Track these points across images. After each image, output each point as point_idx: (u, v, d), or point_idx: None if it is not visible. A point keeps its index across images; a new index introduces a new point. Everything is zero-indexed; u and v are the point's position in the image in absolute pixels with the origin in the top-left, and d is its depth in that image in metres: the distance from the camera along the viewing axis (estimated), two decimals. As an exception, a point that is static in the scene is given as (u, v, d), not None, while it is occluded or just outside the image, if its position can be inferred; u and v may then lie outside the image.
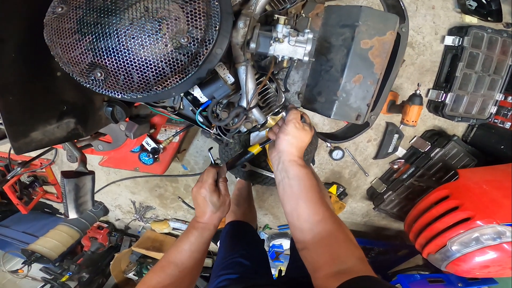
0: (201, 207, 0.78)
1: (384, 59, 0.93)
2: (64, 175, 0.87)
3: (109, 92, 0.56)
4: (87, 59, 0.53)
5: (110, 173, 2.23)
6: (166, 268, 0.71)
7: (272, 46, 0.66)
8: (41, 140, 0.74)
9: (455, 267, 1.47)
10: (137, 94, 0.56)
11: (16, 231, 2.31)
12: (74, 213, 0.93)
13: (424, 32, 1.63)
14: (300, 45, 0.66)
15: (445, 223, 1.47)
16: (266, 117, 0.75)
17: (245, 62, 0.66)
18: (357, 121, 1.01)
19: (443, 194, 1.57)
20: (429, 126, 1.91)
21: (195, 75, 0.56)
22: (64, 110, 0.79)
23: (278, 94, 0.78)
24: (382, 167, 2.08)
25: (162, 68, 0.52)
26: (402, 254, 2.25)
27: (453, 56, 1.65)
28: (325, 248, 0.61)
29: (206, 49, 0.53)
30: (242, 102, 0.71)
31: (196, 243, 0.75)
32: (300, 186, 0.67)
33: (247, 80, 0.67)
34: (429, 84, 1.78)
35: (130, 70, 0.52)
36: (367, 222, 2.37)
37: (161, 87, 0.55)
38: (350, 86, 0.95)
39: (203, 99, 0.73)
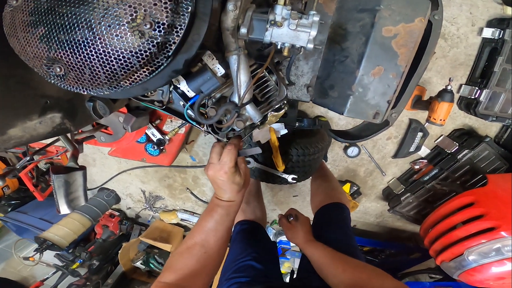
0: (223, 188, 0.71)
1: (411, 50, 0.80)
2: (54, 170, 0.83)
3: (74, 88, 0.49)
4: (43, 53, 0.46)
5: (121, 162, 2.23)
6: (192, 249, 0.69)
7: (268, 32, 0.55)
8: (21, 137, 0.69)
9: (469, 277, 1.40)
10: (104, 90, 0.48)
11: (33, 218, 2.36)
12: (66, 209, 0.90)
13: (459, 23, 1.46)
14: (303, 30, 0.55)
15: (466, 231, 1.37)
16: (262, 115, 0.65)
17: (237, 51, 0.56)
18: (374, 120, 0.89)
19: (467, 200, 1.45)
20: (458, 125, 1.72)
21: (168, 67, 0.47)
22: (47, 105, 0.73)
23: (279, 88, 0.67)
24: (401, 167, 1.92)
25: (127, 59, 0.43)
26: (415, 257, 2.13)
27: (491, 49, 1.48)
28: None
29: (177, 36, 0.43)
30: (234, 97, 0.61)
31: (221, 221, 0.72)
32: (318, 259, 0.91)
33: (239, 72, 0.58)
34: (462, 79, 1.59)
35: (90, 63, 0.44)
36: (380, 223, 2.24)
37: (130, 81, 0.47)
38: (368, 80, 0.83)
39: (190, 93, 0.64)
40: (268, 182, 1.28)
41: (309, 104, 1.71)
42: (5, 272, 2.55)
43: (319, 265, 0.89)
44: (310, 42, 0.56)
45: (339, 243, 0.98)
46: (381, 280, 0.73)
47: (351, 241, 1.14)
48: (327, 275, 0.86)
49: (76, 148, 0.91)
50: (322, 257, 0.89)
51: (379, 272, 0.77)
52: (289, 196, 2.14)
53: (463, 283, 1.55)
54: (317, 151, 1.25)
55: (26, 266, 2.45)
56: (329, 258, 0.87)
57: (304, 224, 1.09)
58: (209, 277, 0.70)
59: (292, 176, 1.18)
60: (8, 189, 2.42)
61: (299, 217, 1.12)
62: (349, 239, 1.14)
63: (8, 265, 2.61)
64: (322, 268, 0.87)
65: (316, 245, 0.96)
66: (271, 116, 0.74)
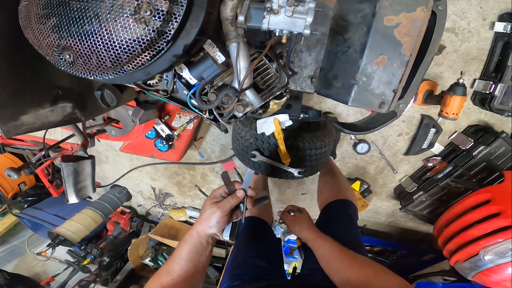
0: (203, 217, 0.74)
1: (415, 39, 0.79)
2: (63, 159, 0.86)
3: (81, 74, 0.53)
4: (54, 42, 0.50)
5: (132, 159, 2.28)
6: (161, 275, 0.72)
7: (265, 19, 0.56)
8: (33, 123, 0.73)
9: (484, 278, 1.35)
10: (109, 75, 0.50)
11: (48, 214, 2.43)
12: (74, 198, 0.93)
13: (469, 18, 1.44)
14: (299, 17, 0.55)
15: (482, 230, 1.32)
16: (263, 100, 0.66)
17: (236, 39, 0.57)
18: (380, 109, 0.89)
19: (483, 198, 1.40)
20: (473, 121, 1.67)
21: (169, 52, 0.49)
22: (59, 95, 0.77)
23: (280, 75, 0.68)
24: (413, 165, 1.87)
25: (129, 44, 0.46)
26: (427, 259, 2.07)
27: (504, 43, 1.44)
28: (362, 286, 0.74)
29: (175, 22, 0.46)
30: (234, 83, 0.62)
31: (185, 251, 0.74)
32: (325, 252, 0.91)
33: (238, 58, 0.59)
34: (475, 74, 1.55)
35: (96, 50, 0.48)
36: (392, 222, 2.19)
37: (132, 65, 0.49)
38: (371, 69, 0.83)
39: (192, 80, 0.66)
40: (274, 176, 1.27)
41: (317, 100, 1.70)
42: (18, 268, 2.63)
43: (327, 259, 0.88)
44: (307, 28, 0.56)
45: (344, 240, 0.96)
46: (387, 277, 0.73)
47: (356, 238, 1.12)
48: (333, 269, 0.85)
49: (86, 138, 0.94)
50: (331, 250, 0.89)
51: (385, 269, 0.77)
52: (297, 194, 2.13)
53: (478, 284, 1.49)
54: (323, 145, 1.24)
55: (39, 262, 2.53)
56: (337, 252, 0.87)
57: (309, 217, 1.09)
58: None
59: (299, 170, 1.17)
60: (24, 186, 2.52)
61: (302, 210, 1.12)
62: (354, 236, 1.12)
63: (22, 261, 2.70)
64: (330, 262, 0.87)
65: (325, 238, 0.96)
66: (273, 104, 0.75)
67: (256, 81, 0.70)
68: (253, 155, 1.20)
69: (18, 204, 2.60)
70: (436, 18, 0.86)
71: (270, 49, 0.72)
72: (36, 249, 2.45)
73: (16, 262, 2.72)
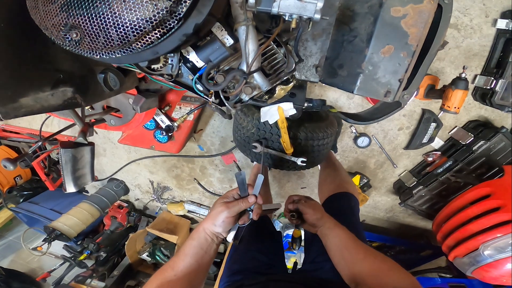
0: (211, 215, 0.75)
1: (422, 30, 0.80)
2: (62, 145, 0.84)
3: (87, 53, 0.51)
4: (62, 21, 0.49)
5: (130, 151, 2.26)
6: (165, 271, 0.72)
7: (276, 2, 0.55)
8: (32, 106, 0.71)
9: (483, 273, 1.37)
10: (116, 53, 0.49)
11: (44, 208, 2.40)
12: (72, 187, 0.91)
13: (472, 14, 1.45)
14: (310, 1, 0.54)
15: (482, 224, 1.33)
16: (271, 84, 0.65)
17: (245, 21, 0.56)
18: (386, 98, 0.88)
19: (483, 192, 1.41)
20: (473, 116, 1.68)
21: (179, 30, 0.48)
22: (60, 79, 0.75)
23: (287, 60, 0.67)
24: (413, 159, 1.88)
25: (138, 21, 0.44)
26: (425, 255, 2.08)
27: (506, 40, 1.45)
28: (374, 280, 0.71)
29: (188, 0, 0.44)
30: (242, 66, 0.61)
31: (190, 247, 0.75)
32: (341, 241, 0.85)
33: (247, 41, 0.57)
34: (477, 70, 1.56)
35: (103, 27, 0.46)
36: (391, 218, 2.20)
37: (141, 43, 0.48)
38: (378, 58, 0.82)
39: (199, 63, 0.64)
40: (276, 167, 1.27)
41: (318, 93, 1.69)
42: (14, 263, 2.60)
43: (340, 249, 0.84)
44: (317, 13, 0.56)
45: None
46: (400, 274, 0.71)
47: (357, 230, 1.11)
48: (346, 260, 0.82)
49: (85, 124, 0.93)
50: (346, 240, 0.84)
51: (398, 266, 0.74)
52: (297, 188, 2.13)
53: (476, 280, 1.51)
54: (325, 136, 1.23)
55: (35, 258, 2.50)
56: (352, 243, 0.83)
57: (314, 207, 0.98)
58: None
59: (301, 159, 1.15)
60: (20, 179, 2.48)
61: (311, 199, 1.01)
62: (356, 229, 1.11)
63: (17, 257, 2.66)
64: (343, 252, 0.83)
65: (342, 227, 0.90)
66: (280, 89, 0.74)
67: (263, 66, 0.69)
68: (254, 147, 1.19)
69: (13, 198, 2.56)
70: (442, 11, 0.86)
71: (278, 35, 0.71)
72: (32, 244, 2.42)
73: (11, 257, 2.69)
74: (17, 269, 2.48)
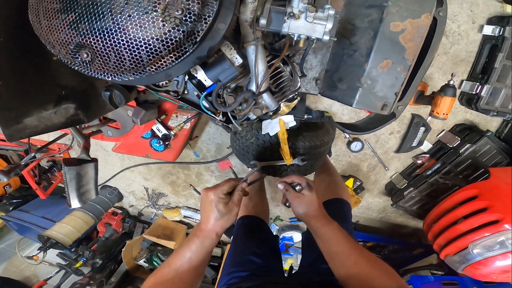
0: (206, 212, 0.72)
1: (418, 44, 0.83)
2: (66, 163, 0.84)
3: (99, 75, 0.50)
4: (71, 39, 0.47)
5: (124, 159, 2.23)
6: (167, 274, 0.70)
7: (286, 23, 0.57)
8: (36, 126, 0.69)
9: (473, 271, 1.42)
10: (129, 76, 0.49)
11: (35, 216, 2.34)
12: (77, 202, 0.90)
13: (459, 21, 1.51)
14: (319, 22, 0.56)
15: (470, 224, 1.39)
16: (278, 103, 0.67)
17: (255, 41, 0.58)
18: (382, 111, 0.92)
19: (471, 194, 1.47)
20: (460, 120, 1.75)
21: (194, 53, 0.48)
22: (62, 95, 0.74)
23: (293, 78, 0.69)
24: (404, 162, 1.94)
25: (154, 45, 0.44)
26: (417, 253, 2.16)
27: (492, 46, 1.52)
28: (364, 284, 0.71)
29: (205, 23, 0.45)
30: (251, 86, 0.62)
31: (196, 251, 0.71)
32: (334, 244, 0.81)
33: (257, 61, 0.59)
34: (463, 75, 1.63)
35: (117, 49, 0.45)
36: (383, 218, 2.26)
37: (155, 67, 0.48)
38: (376, 73, 0.85)
39: (207, 82, 0.65)
40: (275, 175, 1.29)
41: (312, 100, 1.72)
42: (7, 271, 2.53)
43: (333, 251, 0.80)
44: (326, 34, 0.58)
45: None
46: (391, 280, 0.70)
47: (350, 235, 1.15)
48: (335, 262, 0.79)
49: (87, 140, 0.92)
50: (339, 243, 0.79)
51: (390, 270, 0.73)
52: (292, 192, 2.15)
53: (467, 277, 1.57)
54: (323, 144, 1.27)
55: (29, 265, 2.43)
56: (345, 245, 0.78)
57: (318, 198, 0.86)
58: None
59: (301, 157, 1.18)
60: (10, 188, 2.41)
61: (312, 187, 0.85)
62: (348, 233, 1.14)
63: (10, 265, 2.59)
64: (337, 254, 0.79)
65: (334, 226, 0.82)
66: (284, 106, 0.76)
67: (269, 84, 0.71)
68: (253, 165, 1.21)
69: (3, 206, 2.48)
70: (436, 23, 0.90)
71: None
72: (24, 252, 2.37)
73: (4, 265, 2.62)
74: (11, 276, 2.41)
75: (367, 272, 0.73)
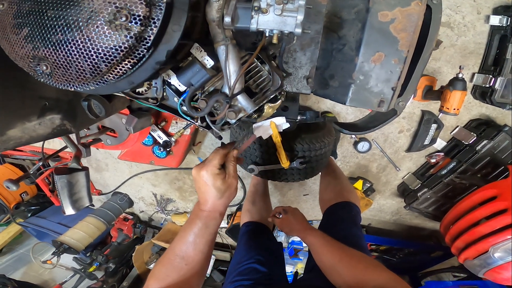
0: (203, 192, 0.66)
1: (412, 34, 0.77)
2: (56, 172, 0.85)
3: (61, 85, 0.50)
4: (29, 53, 0.47)
5: (132, 166, 2.26)
6: (173, 261, 0.66)
7: (254, 19, 0.54)
8: (20, 137, 0.70)
9: (495, 275, 1.34)
10: (90, 85, 0.48)
11: (52, 222, 2.43)
12: (71, 209, 0.91)
13: (463, 11, 1.42)
14: (289, 15, 0.53)
15: (490, 227, 1.30)
16: (256, 105, 0.63)
17: (224, 41, 0.55)
18: (380, 108, 0.86)
19: (490, 194, 1.37)
20: (475, 115, 1.63)
21: (151, 58, 0.46)
22: (46, 106, 0.75)
23: (272, 78, 0.65)
24: (416, 161, 1.84)
25: (105, 53, 0.43)
26: (436, 256, 2.04)
27: (501, 37, 1.42)
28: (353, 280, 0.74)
29: (154, 27, 0.43)
30: (224, 88, 0.60)
31: (200, 234, 0.66)
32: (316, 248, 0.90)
33: (227, 62, 0.56)
34: (474, 68, 1.52)
35: (71, 60, 0.45)
36: (397, 220, 2.16)
37: (113, 75, 0.46)
38: (368, 67, 0.80)
39: (181, 87, 0.63)
40: (275, 179, 1.25)
41: (315, 100, 1.67)
42: (27, 276, 2.64)
43: (319, 255, 0.88)
44: (298, 27, 0.54)
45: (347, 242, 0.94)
46: (377, 272, 0.73)
47: (359, 240, 1.10)
48: (325, 264, 0.85)
49: (79, 149, 0.93)
50: (322, 246, 0.88)
51: (376, 263, 0.77)
52: (299, 195, 2.10)
53: (489, 281, 1.49)
54: (323, 146, 1.21)
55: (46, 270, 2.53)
56: (327, 246, 0.87)
57: (295, 214, 1.11)
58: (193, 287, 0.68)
59: (300, 160, 1.14)
60: (26, 195, 2.51)
61: (287, 210, 1.14)
62: (356, 238, 1.10)
63: (30, 269, 2.70)
64: (321, 257, 0.86)
65: (315, 233, 0.95)
66: (268, 108, 0.72)
67: (249, 85, 0.68)
68: (251, 170, 1.19)
69: (22, 213, 2.59)
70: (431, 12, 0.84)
71: (262, 50, 0.70)
72: (42, 257, 2.46)
73: (24, 270, 2.73)
74: (30, 281, 2.51)
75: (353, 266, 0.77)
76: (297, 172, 1.22)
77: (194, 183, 0.68)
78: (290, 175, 1.23)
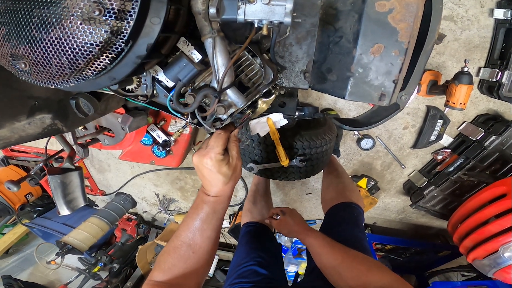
0: (209, 179, 0.63)
1: (412, 25, 0.74)
2: (49, 172, 0.84)
3: (41, 82, 0.49)
4: (7, 51, 0.46)
5: (134, 166, 2.26)
6: (179, 249, 0.63)
7: (241, 9, 0.51)
8: (9, 137, 0.69)
9: (505, 275, 1.31)
10: (70, 82, 0.46)
11: (57, 223, 2.45)
12: (65, 210, 0.90)
13: (466, 5, 1.37)
14: (277, 3, 0.50)
15: (500, 226, 1.26)
16: (248, 100, 0.61)
17: (211, 33, 0.52)
18: (381, 102, 0.83)
19: (499, 191, 1.32)
20: (482, 110, 1.58)
21: (131, 52, 0.44)
22: (36, 106, 0.73)
23: (264, 71, 0.62)
24: (422, 158, 1.79)
25: (83, 47, 0.42)
26: (444, 255, 1.99)
27: (507, 30, 1.37)
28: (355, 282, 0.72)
29: (131, 20, 0.41)
30: (213, 83, 0.57)
31: (207, 220, 0.64)
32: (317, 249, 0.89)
33: (215, 55, 0.53)
34: (480, 62, 1.47)
35: (50, 56, 0.44)
36: (403, 219, 2.10)
37: (92, 70, 0.45)
38: (367, 59, 0.77)
39: (169, 83, 0.61)
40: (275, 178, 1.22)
41: (316, 96, 1.63)
42: (33, 276, 2.67)
43: (319, 256, 0.87)
44: (287, 16, 0.51)
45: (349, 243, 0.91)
46: (380, 273, 0.71)
47: (361, 241, 1.07)
48: (325, 265, 0.84)
49: (72, 149, 0.92)
50: (322, 247, 0.87)
51: (378, 264, 0.76)
52: (302, 194, 2.07)
53: (499, 281, 1.46)
54: (324, 143, 1.18)
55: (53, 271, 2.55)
56: (328, 248, 0.85)
57: (293, 215, 1.09)
58: (200, 277, 0.66)
59: (299, 158, 1.10)
60: (31, 196, 2.53)
61: (285, 211, 1.12)
62: (358, 240, 1.07)
63: (36, 270, 2.73)
64: (322, 258, 0.85)
65: (315, 234, 0.94)
66: (262, 103, 0.70)
67: (241, 79, 0.65)
68: (250, 168, 1.16)
69: (27, 214, 2.63)
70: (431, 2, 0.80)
71: (254, 43, 0.67)
72: (48, 257, 2.49)
73: (30, 270, 2.76)
74: (36, 281, 2.54)
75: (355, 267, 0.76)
76: (297, 170, 1.19)
77: (196, 171, 0.64)
78: (290, 174, 1.20)
